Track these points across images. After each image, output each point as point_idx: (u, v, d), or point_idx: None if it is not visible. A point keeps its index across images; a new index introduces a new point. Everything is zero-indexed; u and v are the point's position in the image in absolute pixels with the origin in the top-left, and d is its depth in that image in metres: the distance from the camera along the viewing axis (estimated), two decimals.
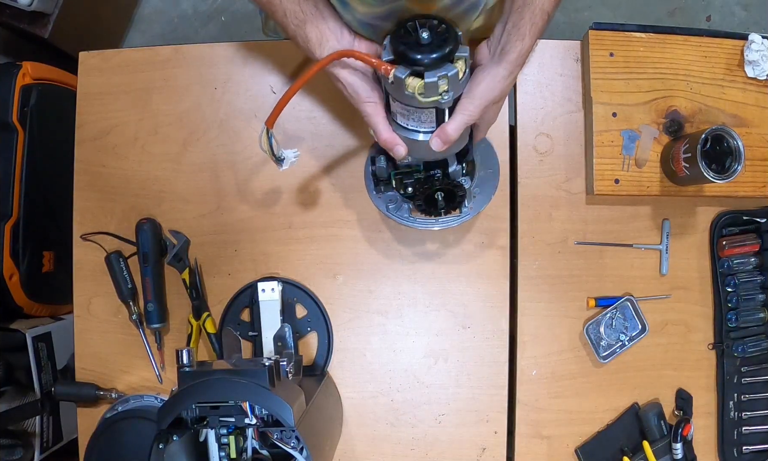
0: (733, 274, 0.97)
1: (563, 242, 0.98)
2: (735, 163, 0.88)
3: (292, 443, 0.73)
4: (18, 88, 1.38)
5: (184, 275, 0.98)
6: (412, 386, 0.98)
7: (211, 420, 0.73)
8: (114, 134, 1.01)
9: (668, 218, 0.99)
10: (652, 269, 0.99)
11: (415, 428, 0.98)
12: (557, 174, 0.99)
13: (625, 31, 0.97)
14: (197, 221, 1.00)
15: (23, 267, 1.38)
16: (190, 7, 2.06)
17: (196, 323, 0.97)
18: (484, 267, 0.99)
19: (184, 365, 0.72)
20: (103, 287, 0.99)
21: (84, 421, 0.98)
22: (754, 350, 0.96)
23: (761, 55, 0.96)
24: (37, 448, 1.30)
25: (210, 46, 1.02)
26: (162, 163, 1.01)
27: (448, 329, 0.98)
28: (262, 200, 1.00)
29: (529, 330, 0.98)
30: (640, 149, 0.95)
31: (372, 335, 0.99)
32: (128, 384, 0.99)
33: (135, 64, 1.02)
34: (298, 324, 0.97)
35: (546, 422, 0.97)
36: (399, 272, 0.99)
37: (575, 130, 0.99)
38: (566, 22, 2.02)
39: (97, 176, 1.01)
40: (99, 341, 0.99)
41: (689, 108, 0.96)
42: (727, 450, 0.97)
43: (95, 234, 1.00)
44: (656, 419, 0.94)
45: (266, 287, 0.92)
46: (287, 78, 1.01)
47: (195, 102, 1.01)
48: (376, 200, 0.92)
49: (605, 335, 0.97)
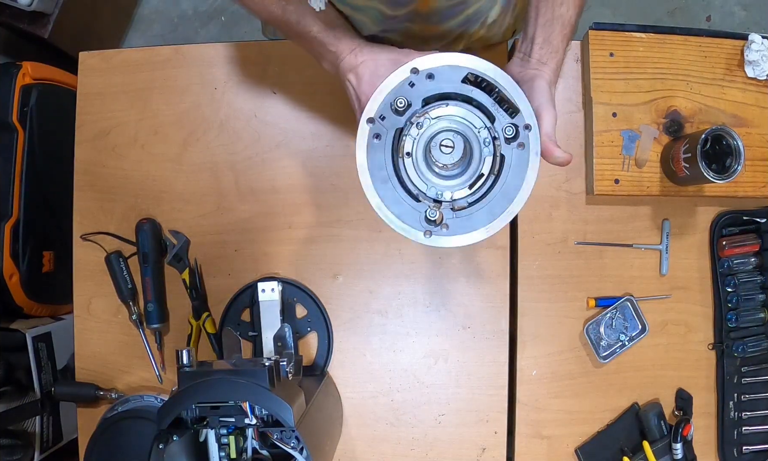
0: (733, 274, 0.97)
1: (563, 242, 0.98)
2: (735, 163, 0.88)
3: (292, 443, 0.73)
4: (18, 88, 1.38)
5: (184, 275, 0.98)
6: (412, 386, 0.98)
7: (211, 421, 0.73)
8: (114, 134, 1.01)
9: (668, 218, 0.99)
10: (652, 269, 0.99)
11: (415, 428, 0.98)
12: (557, 174, 0.99)
13: (625, 31, 0.97)
14: (197, 221, 1.00)
15: (23, 267, 1.38)
16: (190, 7, 2.06)
17: (196, 324, 0.97)
18: (484, 267, 0.98)
19: (184, 365, 0.72)
20: (103, 287, 0.99)
21: (84, 421, 0.98)
22: (754, 350, 0.96)
23: (761, 55, 0.96)
24: (37, 448, 1.30)
25: (210, 46, 1.02)
26: (162, 163, 1.01)
27: (448, 329, 0.98)
28: (262, 200, 1.00)
29: (529, 330, 0.98)
30: (640, 149, 0.95)
31: (372, 335, 0.99)
32: (128, 384, 0.99)
33: (135, 64, 1.02)
34: (298, 324, 0.97)
35: (546, 422, 0.97)
36: (399, 272, 0.99)
37: (575, 130, 0.99)
38: None
39: (97, 176, 1.01)
40: (99, 342, 0.99)
41: (689, 108, 0.96)
42: (727, 450, 0.97)
43: (95, 234, 1.00)
44: (656, 419, 0.94)
45: (266, 287, 0.92)
46: (287, 78, 1.01)
47: (195, 102, 1.01)
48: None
49: (605, 336, 0.97)
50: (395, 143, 0.65)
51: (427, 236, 0.64)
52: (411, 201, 0.65)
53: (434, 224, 0.64)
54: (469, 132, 0.64)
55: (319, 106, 1.00)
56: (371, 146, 0.64)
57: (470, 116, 0.64)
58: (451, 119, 0.64)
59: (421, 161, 0.64)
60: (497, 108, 0.64)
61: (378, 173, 0.65)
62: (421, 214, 0.64)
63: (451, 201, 0.65)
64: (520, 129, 0.63)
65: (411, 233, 0.65)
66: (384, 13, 0.75)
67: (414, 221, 0.65)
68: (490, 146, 0.64)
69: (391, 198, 0.65)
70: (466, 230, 0.65)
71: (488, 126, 0.63)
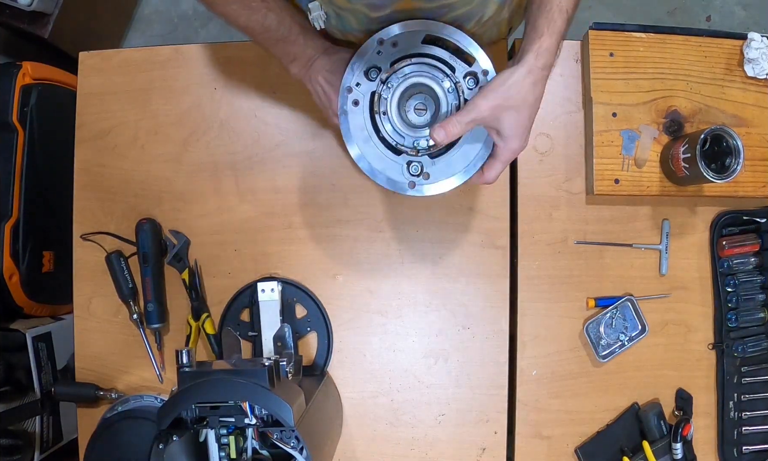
0: (733, 274, 0.97)
1: (563, 242, 0.98)
2: (734, 163, 0.88)
3: (292, 443, 0.73)
4: (18, 88, 1.38)
5: (184, 276, 0.98)
6: (412, 386, 0.98)
7: (211, 421, 0.73)
8: (114, 134, 1.01)
9: (668, 218, 0.99)
10: (652, 269, 0.99)
11: (415, 428, 0.98)
12: (557, 174, 0.99)
13: (625, 31, 0.97)
14: (197, 221, 1.00)
15: (23, 267, 1.38)
16: (190, 8, 2.06)
17: (195, 324, 0.97)
18: (484, 267, 0.99)
19: (184, 365, 0.72)
20: (103, 287, 0.99)
21: (84, 421, 0.98)
22: (754, 350, 0.96)
23: (761, 54, 0.96)
24: (37, 448, 1.30)
25: (210, 46, 1.02)
26: (162, 163, 1.01)
27: (448, 329, 0.98)
28: (262, 200, 1.00)
29: (529, 330, 0.98)
30: (640, 149, 0.95)
31: (372, 335, 0.99)
32: (128, 384, 0.99)
33: (135, 64, 1.02)
34: (298, 324, 0.97)
35: (546, 422, 0.97)
36: (399, 272, 0.99)
37: (575, 130, 0.99)
38: None
39: (97, 176, 1.01)
40: (99, 342, 0.99)
41: (689, 108, 0.96)
42: (727, 450, 0.97)
43: (95, 234, 1.00)
44: (656, 419, 0.94)
45: (266, 287, 0.92)
46: (287, 78, 1.00)
47: (195, 102, 1.01)
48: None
49: (605, 335, 0.97)
50: (372, 105, 0.74)
51: (411, 187, 0.74)
52: (392, 155, 0.74)
53: (416, 176, 0.74)
54: (433, 83, 0.73)
55: (318, 106, 1.00)
56: (351, 111, 0.74)
57: (432, 70, 0.74)
58: (417, 74, 0.73)
59: (396, 116, 0.73)
60: (455, 60, 0.74)
61: (360, 134, 0.74)
62: (403, 166, 0.74)
63: (428, 148, 0.73)
64: (479, 75, 0.73)
65: (396, 186, 0.74)
66: (367, 15, 0.77)
67: (397, 174, 0.74)
68: (454, 92, 0.73)
69: (374, 155, 0.74)
70: (446, 176, 0.75)
71: (449, 74, 0.73)
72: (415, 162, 0.74)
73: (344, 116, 0.74)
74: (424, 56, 0.74)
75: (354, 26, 0.80)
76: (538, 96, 0.68)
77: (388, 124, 0.73)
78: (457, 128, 0.68)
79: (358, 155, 0.74)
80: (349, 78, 0.74)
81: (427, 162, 0.74)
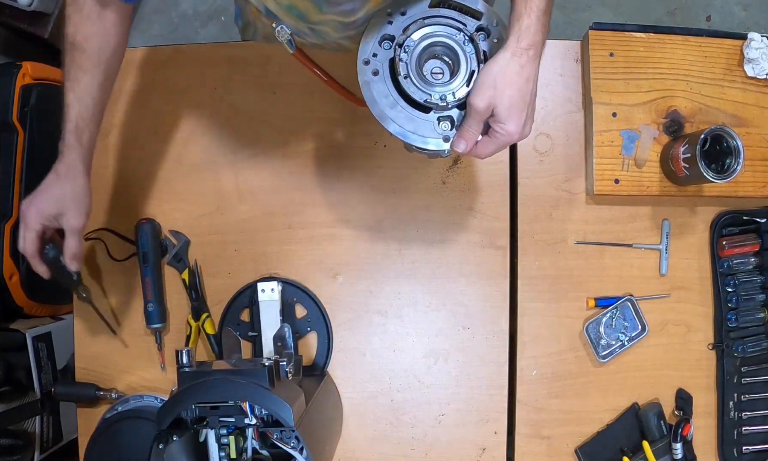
0: (733, 274, 0.97)
1: (563, 242, 0.98)
2: (734, 163, 0.88)
3: (292, 443, 0.73)
4: (18, 88, 1.38)
5: (184, 276, 0.98)
6: (412, 386, 0.98)
7: (211, 421, 0.73)
8: (114, 134, 1.01)
9: (668, 218, 0.99)
10: (652, 269, 0.99)
11: (415, 428, 0.98)
12: (557, 174, 0.99)
13: (625, 31, 0.97)
14: (197, 221, 1.00)
15: (23, 267, 1.37)
16: (190, 7, 2.06)
17: (195, 325, 0.97)
18: (484, 267, 0.99)
19: (184, 365, 0.72)
20: (103, 287, 0.99)
21: (84, 421, 0.98)
22: (754, 350, 0.96)
23: (761, 54, 0.96)
24: (37, 448, 1.30)
25: (210, 46, 1.02)
26: (162, 163, 1.01)
27: (448, 329, 0.98)
28: (262, 200, 1.00)
29: (529, 330, 0.98)
30: (640, 149, 0.95)
31: (372, 336, 0.99)
32: (128, 384, 0.99)
33: (135, 64, 1.02)
34: (298, 324, 0.97)
35: (546, 422, 0.97)
36: (399, 272, 0.99)
37: (575, 130, 0.99)
38: (566, 22, 2.02)
39: (97, 176, 1.01)
40: (99, 342, 0.99)
41: (689, 108, 0.96)
42: (727, 450, 0.97)
43: (96, 232, 1.00)
44: (656, 419, 0.94)
45: (266, 287, 0.92)
46: (287, 78, 1.01)
47: (195, 102, 1.01)
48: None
49: (605, 335, 0.97)
50: (392, 72, 0.74)
51: (446, 141, 0.73)
52: (421, 114, 0.73)
53: (448, 131, 0.73)
54: (449, 40, 0.75)
55: (319, 106, 1.00)
56: (372, 81, 0.74)
57: (444, 28, 0.75)
58: (431, 35, 0.75)
59: (417, 78, 0.73)
60: (464, 17, 0.75)
61: (385, 101, 0.73)
62: (434, 122, 0.73)
63: (456, 100, 0.72)
64: (490, 28, 0.75)
65: (432, 143, 0.73)
66: (342, 21, 0.79)
67: (429, 131, 0.73)
68: (470, 44, 0.74)
69: (403, 118, 0.73)
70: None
71: (462, 28, 0.75)
72: (445, 117, 0.73)
73: (366, 87, 0.74)
74: (434, 18, 0.76)
75: (332, 35, 0.82)
76: (529, 77, 0.67)
77: (412, 85, 0.73)
78: (470, 132, 0.70)
79: (387, 119, 0.73)
80: (366, 50, 0.74)
81: (457, 115, 0.73)
